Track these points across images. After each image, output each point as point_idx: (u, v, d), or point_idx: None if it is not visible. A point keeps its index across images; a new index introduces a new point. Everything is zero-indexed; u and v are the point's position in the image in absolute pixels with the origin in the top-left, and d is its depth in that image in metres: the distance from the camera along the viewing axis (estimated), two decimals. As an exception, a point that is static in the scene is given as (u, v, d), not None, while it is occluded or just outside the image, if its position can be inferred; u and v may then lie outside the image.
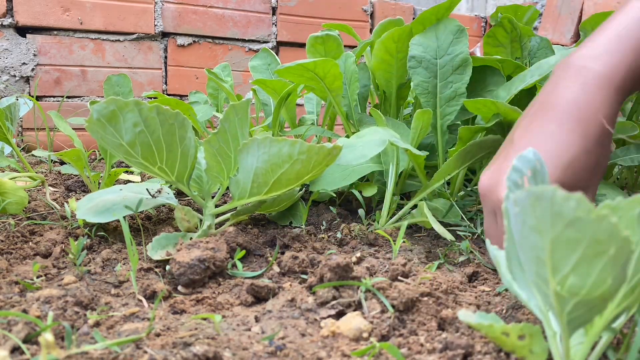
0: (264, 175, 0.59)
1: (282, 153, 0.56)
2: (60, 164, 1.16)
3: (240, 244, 0.60)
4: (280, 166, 0.57)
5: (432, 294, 0.47)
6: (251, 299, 0.49)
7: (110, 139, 0.55)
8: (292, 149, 0.56)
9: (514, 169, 0.34)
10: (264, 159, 0.57)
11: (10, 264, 0.55)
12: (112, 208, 0.62)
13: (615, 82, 0.50)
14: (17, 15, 1.36)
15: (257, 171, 0.58)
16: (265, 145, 0.56)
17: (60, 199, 0.82)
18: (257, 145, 0.57)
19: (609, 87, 0.50)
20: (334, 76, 0.79)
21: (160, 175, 0.60)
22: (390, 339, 0.41)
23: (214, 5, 1.59)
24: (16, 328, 0.39)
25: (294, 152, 0.56)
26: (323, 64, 0.77)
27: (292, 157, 0.57)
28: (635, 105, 0.91)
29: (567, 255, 0.27)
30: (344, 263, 0.49)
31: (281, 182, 0.59)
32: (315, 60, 0.76)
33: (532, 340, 0.35)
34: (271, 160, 0.57)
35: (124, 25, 1.48)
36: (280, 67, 0.78)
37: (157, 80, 1.55)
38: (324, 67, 0.77)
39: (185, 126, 0.56)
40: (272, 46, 1.69)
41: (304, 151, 0.56)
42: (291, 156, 0.56)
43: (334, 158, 0.59)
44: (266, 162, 0.57)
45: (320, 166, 0.59)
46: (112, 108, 0.53)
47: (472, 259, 0.62)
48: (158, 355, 0.36)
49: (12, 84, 1.38)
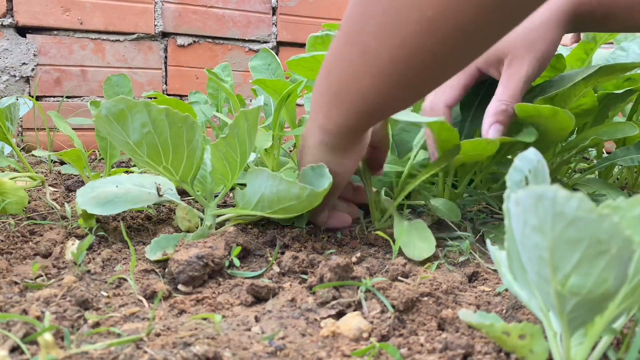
0: (270, 201, 0.59)
1: (290, 192, 0.57)
2: (60, 164, 1.16)
3: (240, 244, 0.60)
4: (287, 201, 0.58)
5: (432, 294, 0.47)
6: (251, 299, 0.49)
7: (117, 136, 0.55)
8: (302, 192, 0.57)
9: (515, 168, 0.34)
10: (272, 191, 0.58)
11: (10, 264, 0.55)
12: (114, 201, 0.62)
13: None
14: (17, 15, 1.36)
15: (264, 196, 0.59)
16: (274, 180, 0.57)
17: (60, 199, 0.82)
18: (266, 177, 0.58)
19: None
20: None
21: (164, 174, 0.60)
22: (390, 339, 0.41)
23: (214, 5, 1.59)
24: (15, 327, 0.39)
25: (303, 194, 0.57)
26: None
27: (301, 198, 0.57)
28: (635, 105, 0.91)
29: (568, 255, 0.27)
30: (344, 263, 0.49)
31: (286, 210, 0.60)
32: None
33: (533, 340, 0.35)
34: (279, 194, 0.58)
35: (124, 25, 1.48)
36: (294, 58, 0.77)
37: (157, 80, 1.55)
38: None
39: (194, 129, 0.56)
40: (272, 46, 1.69)
41: (313, 194, 0.57)
42: (299, 197, 0.57)
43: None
44: (273, 194, 0.58)
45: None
46: (122, 107, 0.53)
47: (472, 259, 0.62)
48: (158, 355, 0.36)
49: (12, 84, 1.38)
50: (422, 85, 0.51)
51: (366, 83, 0.51)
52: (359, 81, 0.51)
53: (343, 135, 0.59)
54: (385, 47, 0.46)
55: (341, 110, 0.55)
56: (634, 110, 0.91)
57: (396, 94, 0.51)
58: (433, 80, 0.52)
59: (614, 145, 0.99)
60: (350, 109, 0.55)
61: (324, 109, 0.57)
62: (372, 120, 0.58)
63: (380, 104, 0.53)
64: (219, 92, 1.29)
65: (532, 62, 0.65)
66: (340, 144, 0.60)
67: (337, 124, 0.57)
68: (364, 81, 0.51)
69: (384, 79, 0.49)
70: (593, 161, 1.23)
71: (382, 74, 0.49)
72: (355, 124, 0.57)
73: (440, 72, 0.50)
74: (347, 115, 0.55)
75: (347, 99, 0.54)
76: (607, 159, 0.81)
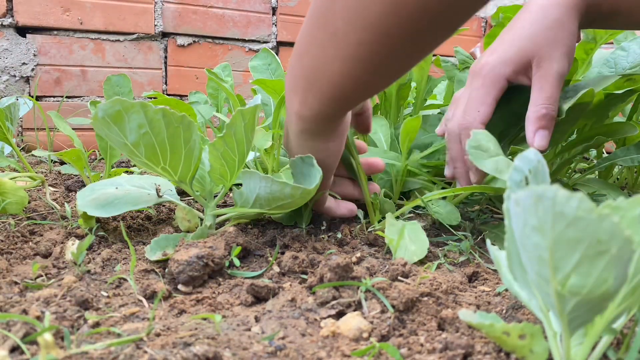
0: (266, 200, 0.60)
1: (283, 192, 0.58)
2: (60, 164, 1.16)
3: (240, 244, 0.60)
4: (282, 199, 0.59)
5: (432, 294, 0.47)
6: (251, 299, 0.49)
7: (115, 138, 0.55)
8: (295, 191, 0.58)
9: (515, 168, 0.34)
10: (266, 191, 0.59)
11: (10, 264, 0.55)
12: (113, 202, 0.62)
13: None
14: (17, 15, 1.36)
15: (259, 196, 0.60)
16: (267, 181, 0.58)
17: (60, 199, 0.82)
18: (259, 179, 0.58)
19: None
20: None
21: (163, 174, 0.60)
22: (390, 339, 0.41)
23: (214, 5, 1.59)
24: (15, 327, 0.39)
25: (296, 193, 0.58)
26: None
27: (294, 197, 0.58)
28: (635, 105, 0.91)
29: (568, 255, 0.27)
30: (344, 263, 0.49)
31: (283, 207, 0.61)
32: None
33: (533, 340, 0.35)
34: (273, 194, 0.59)
35: (124, 25, 1.48)
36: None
37: (157, 80, 1.55)
38: None
39: (191, 129, 0.56)
40: (272, 46, 1.69)
41: (306, 192, 0.58)
42: (293, 195, 0.58)
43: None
44: (268, 194, 0.59)
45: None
46: (118, 108, 0.53)
47: (472, 259, 0.62)
48: (158, 355, 0.36)
49: (12, 84, 1.38)
50: (392, 69, 0.50)
51: (336, 68, 0.50)
52: (329, 65, 0.50)
53: (320, 121, 0.58)
54: (353, 29, 0.45)
55: (316, 96, 0.54)
56: (634, 110, 0.91)
57: (367, 78, 0.50)
58: (402, 64, 0.50)
59: (614, 145, 0.99)
60: (324, 94, 0.53)
61: (300, 96, 0.56)
62: (348, 105, 0.57)
63: (353, 89, 0.52)
64: (219, 92, 1.29)
65: (560, 59, 0.64)
66: (319, 129, 0.59)
67: (313, 111, 0.56)
68: (334, 66, 0.50)
69: (353, 64, 0.48)
70: (593, 161, 1.23)
71: (351, 57, 0.48)
72: (331, 110, 0.56)
73: (407, 56, 0.49)
74: (322, 101, 0.54)
75: (320, 85, 0.53)
76: (607, 159, 0.81)
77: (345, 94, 0.53)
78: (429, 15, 0.43)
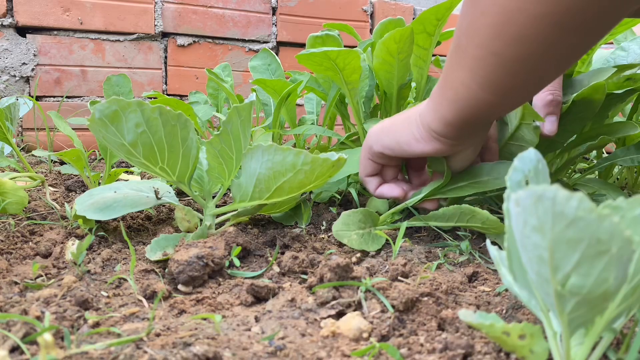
0: (267, 182, 0.59)
1: (286, 161, 0.57)
2: (60, 164, 1.16)
3: (240, 244, 0.60)
4: (283, 174, 0.58)
5: (432, 294, 0.47)
6: (251, 299, 0.49)
7: (112, 139, 0.55)
8: (297, 158, 0.56)
9: (515, 168, 0.34)
10: (268, 166, 0.57)
11: (10, 264, 0.55)
12: (112, 206, 0.62)
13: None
14: (17, 15, 1.36)
15: (260, 177, 0.59)
16: (269, 153, 0.57)
17: (60, 199, 0.82)
18: (261, 152, 0.57)
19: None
20: (353, 68, 0.79)
21: (161, 175, 0.60)
22: (390, 339, 0.41)
23: (214, 5, 1.59)
24: (15, 327, 0.39)
25: (298, 161, 0.56)
26: (345, 55, 0.76)
27: (296, 167, 0.57)
28: (635, 105, 0.91)
29: (568, 255, 0.27)
30: (344, 263, 0.49)
31: (283, 190, 0.59)
32: (339, 50, 0.75)
33: (533, 340, 0.35)
34: (274, 168, 0.57)
35: (124, 25, 1.48)
36: (304, 53, 0.77)
37: (157, 80, 1.55)
38: (345, 58, 0.77)
39: (187, 127, 0.56)
40: (272, 46, 1.69)
41: (308, 162, 0.56)
42: (295, 165, 0.57)
43: (337, 169, 0.59)
44: (269, 169, 0.58)
45: (323, 177, 0.59)
46: (115, 108, 0.53)
47: (472, 259, 0.62)
48: (158, 355, 0.36)
49: (12, 84, 1.38)
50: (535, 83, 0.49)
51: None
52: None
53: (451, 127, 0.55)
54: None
55: (451, 108, 0.53)
56: (634, 110, 0.91)
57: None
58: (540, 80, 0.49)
59: (614, 145, 0.99)
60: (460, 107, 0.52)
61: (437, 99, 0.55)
62: (476, 120, 0.55)
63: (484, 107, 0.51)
64: (219, 92, 1.29)
65: None
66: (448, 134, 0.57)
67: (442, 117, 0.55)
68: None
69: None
70: (593, 161, 1.23)
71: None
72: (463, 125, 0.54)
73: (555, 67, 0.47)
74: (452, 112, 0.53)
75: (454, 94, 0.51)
76: (607, 159, 0.81)
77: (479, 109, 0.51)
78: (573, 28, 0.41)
